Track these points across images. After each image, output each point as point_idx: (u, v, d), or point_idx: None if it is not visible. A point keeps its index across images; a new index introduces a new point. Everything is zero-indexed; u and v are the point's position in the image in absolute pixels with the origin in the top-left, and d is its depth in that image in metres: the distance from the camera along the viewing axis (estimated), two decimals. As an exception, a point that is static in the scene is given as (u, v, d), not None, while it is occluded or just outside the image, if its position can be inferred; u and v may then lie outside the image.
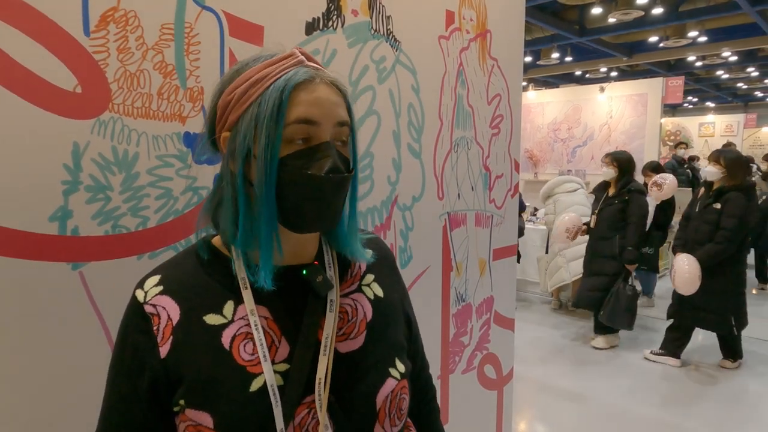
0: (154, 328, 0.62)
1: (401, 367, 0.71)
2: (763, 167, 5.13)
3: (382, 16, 1.25)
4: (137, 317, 0.63)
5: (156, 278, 0.65)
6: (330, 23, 1.13)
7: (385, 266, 0.80)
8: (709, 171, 3.41)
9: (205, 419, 0.60)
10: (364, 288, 0.74)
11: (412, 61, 1.34)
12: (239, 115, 0.61)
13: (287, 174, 0.60)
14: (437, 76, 1.42)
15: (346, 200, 0.67)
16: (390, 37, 1.28)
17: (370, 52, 1.23)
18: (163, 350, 0.61)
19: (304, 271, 0.67)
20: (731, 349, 3.60)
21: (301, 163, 0.60)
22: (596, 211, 3.93)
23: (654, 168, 4.94)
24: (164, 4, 0.87)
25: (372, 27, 1.23)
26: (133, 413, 0.62)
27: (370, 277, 0.76)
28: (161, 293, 0.64)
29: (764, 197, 5.06)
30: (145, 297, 0.64)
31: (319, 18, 1.11)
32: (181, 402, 0.61)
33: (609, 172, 3.84)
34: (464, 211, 1.58)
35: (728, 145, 7.08)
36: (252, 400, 0.60)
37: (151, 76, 0.86)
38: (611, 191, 3.88)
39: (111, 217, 0.84)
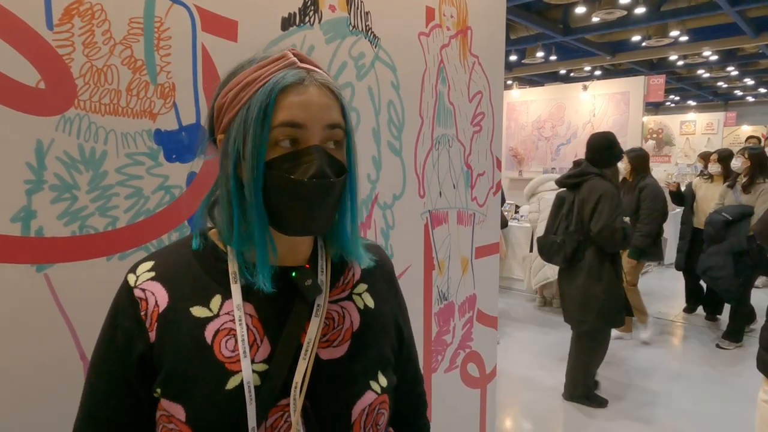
0: (142, 312, 0.63)
1: (383, 381, 0.70)
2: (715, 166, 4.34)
3: (361, 11, 1.23)
4: (127, 301, 0.64)
5: (149, 264, 0.66)
6: (307, 19, 1.12)
7: (382, 278, 0.78)
8: None
9: (178, 411, 0.60)
10: (354, 297, 0.73)
11: (392, 57, 1.33)
12: (231, 117, 0.62)
13: (273, 177, 0.60)
14: (417, 73, 1.41)
15: (340, 203, 0.66)
16: (369, 33, 1.26)
17: (348, 49, 1.21)
18: (152, 335, 0.62)
19: (294, 274, 0.66)
20: None
21: (286, 167, 0.60)
22: None
23: None
24: (132, -2, 0.85)
25: (350, 23, 1.21)
26: (122, 396, 0.63)
27: (362, 287, 0.75)
28: (152, 279, 0.65)
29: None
30: (136, 281, 0.65)
31: (295, 13, 1.09)
32: (158, 390, 0.61)
33: None
34: (446, 209, 1.57)
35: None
36: (227, 398, 0.60)
37: (119, 72, 0.84)
38: None
39: (78, 218, 0.81)
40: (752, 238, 3.65)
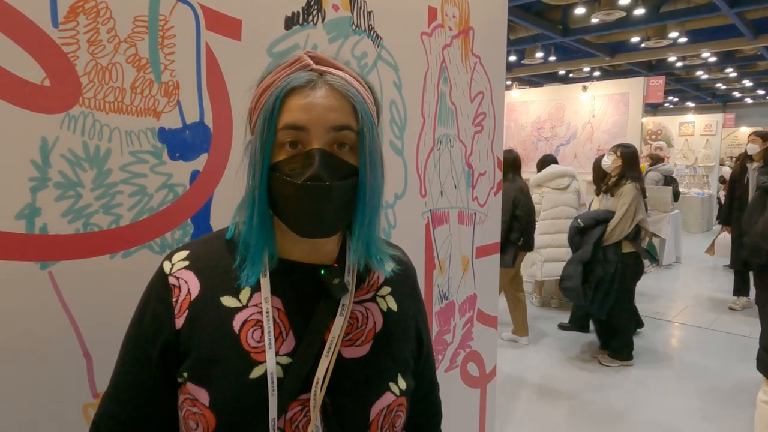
0: (174, 299, 0.65)
1: (402, 383, 0.71)
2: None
3: (364, 11, 1.24)
4: (160, 287, 0.67)
5: (184, 253, 0.69)
6: (310, 18, 1.12)
7: (406, 282, 0.79)
8: None
9: (202, 395, 0.62)
10: (378, 299, 0.74)
11: (394, 57, 1.33)
12: (255, 120, 0.65)
13: (275, 180, 0.62)
14: (419, 73, 1.41)
15: (352, 206, 0.65)
16: (371, 32, 1.26)
17: (351, 48, 1.22)
18: (179, 322, 0.64)
19: (322, 271, 0.68)
20: None
21: (287, 170, 0.61)
22: None
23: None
24: (137, -4, 0.85)
25: (353, 22, 1.21)
26: (144, 377, 0.65)
27: (386, 290, 0.76)
28: (186, 268, 0.67)
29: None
30: (171, 269, 0.67)
31: (298, 12, 1.09)
32: (185, 374, 0.63)
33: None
34: (447, 208, 1.57)
35: None
36: (250, 387, 0.61)
37: (123, 70, 0.84)
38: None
39: (82, 215, 0.81)
40: (603, 247, 3.35)
